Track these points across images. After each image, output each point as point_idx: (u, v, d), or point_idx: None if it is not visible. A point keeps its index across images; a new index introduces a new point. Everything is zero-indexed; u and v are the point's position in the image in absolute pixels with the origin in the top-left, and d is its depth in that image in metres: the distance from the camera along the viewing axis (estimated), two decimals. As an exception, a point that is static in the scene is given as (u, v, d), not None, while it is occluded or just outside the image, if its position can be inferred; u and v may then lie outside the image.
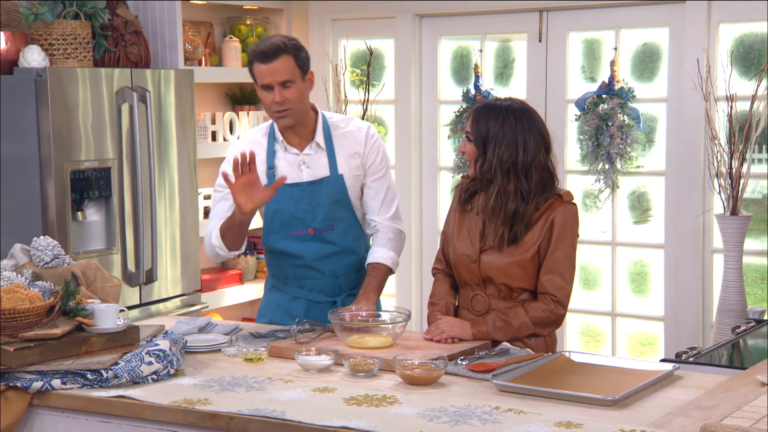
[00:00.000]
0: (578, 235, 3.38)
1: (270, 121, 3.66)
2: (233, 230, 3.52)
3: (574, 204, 3.37)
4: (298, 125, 3.60)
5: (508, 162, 3.28)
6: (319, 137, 3.63)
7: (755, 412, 2.43)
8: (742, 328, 4.25)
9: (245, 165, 3.35)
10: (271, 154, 3.61)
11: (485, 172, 3.32)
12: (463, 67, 5.92)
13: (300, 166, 3.62)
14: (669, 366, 2.99)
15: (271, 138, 3.63)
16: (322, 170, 3.62)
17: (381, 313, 3.44)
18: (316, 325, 3.43)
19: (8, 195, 4.50)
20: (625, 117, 5.23)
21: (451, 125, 5.74)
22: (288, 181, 3.57)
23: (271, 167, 3.60)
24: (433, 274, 3.60)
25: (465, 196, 3.45)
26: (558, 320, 3.33)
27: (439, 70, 5.93)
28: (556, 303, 3.30)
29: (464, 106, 5.66)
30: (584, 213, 5.62)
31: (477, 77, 5.69)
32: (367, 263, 3.68)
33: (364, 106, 5.85)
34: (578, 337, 5.76)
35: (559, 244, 3.30)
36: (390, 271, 3.69)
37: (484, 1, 5.65)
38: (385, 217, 3.74)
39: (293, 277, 3.69)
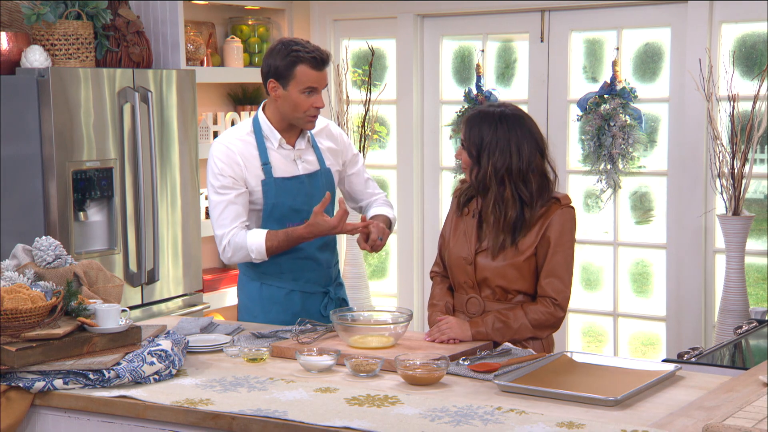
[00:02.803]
0: (575, 239, 3.39)
1: (248, 120, 3.74)
2: (288, 245, 3.61)
3: (572, 207, 3.37)
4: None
5: (503, 169, 3.28)
6: (309, 133, 3.77)
7: (757, 412, 2.42)
8: (744, 328, 4.25)
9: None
10: (263, 150, 3.67)
11: (481, 180, 3.33)
12: (464, 67, 5.91)
13: (295, 160, 3.72)
14: (671, 366, 2.99)
15: (259, 136, 3.68)
16: (313, 164, 3.76)
17: (383, 313, 3.46)
18: (318, 325, 3.44)
19: (10, 195, 4.51)
20: (627, 117, 5.22)
21: (453, 125, 5.74)
22: (285, 175, 3.68)
23: (266, 162, 3.66)
24: (431, 278, 3.61)
25: (462, 200, 3.45)
26: (557, 323, 3.34)
27: (441, 70, 5.92)
28: (556, 306, 3.30)
29: (466, 107, 5.66)
30: (586, 213, 5.62)
31: (479, 77, 5.69)
32: (370, 216, 3.82)
33: (366, 107, 5.85)
34: (580, 338, 5.76)
35: (558, 248, 3.30)
36: (390, 223, 3.83)
37: (485, 1, 5.65)
38: (377, 191, 3.95)
39: (289, 270, 3.73)
